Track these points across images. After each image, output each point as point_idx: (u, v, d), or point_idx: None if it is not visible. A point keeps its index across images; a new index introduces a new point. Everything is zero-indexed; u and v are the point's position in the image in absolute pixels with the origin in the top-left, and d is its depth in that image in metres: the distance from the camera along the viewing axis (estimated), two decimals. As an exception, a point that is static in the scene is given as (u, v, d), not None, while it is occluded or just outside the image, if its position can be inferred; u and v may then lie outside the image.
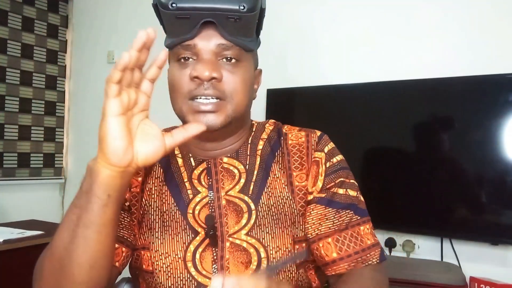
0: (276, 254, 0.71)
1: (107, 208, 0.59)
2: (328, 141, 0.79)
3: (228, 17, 0.67)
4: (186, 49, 0.70)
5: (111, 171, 0.57)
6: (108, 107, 0.54)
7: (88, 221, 0.59)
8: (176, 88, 0.72)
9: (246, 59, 0.73)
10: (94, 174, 0.58)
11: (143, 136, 0.58)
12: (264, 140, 0.80)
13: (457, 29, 1.62)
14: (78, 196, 0.61)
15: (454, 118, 1.51)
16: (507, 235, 1.40)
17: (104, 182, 0.58)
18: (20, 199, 2.53)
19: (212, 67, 0.68)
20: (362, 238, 0.72)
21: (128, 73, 0.55)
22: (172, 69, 0.73)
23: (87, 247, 0.59)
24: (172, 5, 0.66)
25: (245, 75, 0.73)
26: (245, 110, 0.75)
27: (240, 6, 0.66)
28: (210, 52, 0.70)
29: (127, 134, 0.56)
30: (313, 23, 1.90)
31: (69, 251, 0.60)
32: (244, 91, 0.73)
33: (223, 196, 0.74)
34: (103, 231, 0.60)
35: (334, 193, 0.74)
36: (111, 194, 0.58)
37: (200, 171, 0.77)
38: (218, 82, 0.69)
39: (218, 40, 0.69)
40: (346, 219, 0.73)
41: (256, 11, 0.69)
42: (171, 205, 0.75)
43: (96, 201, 0.58)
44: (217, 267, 0.70)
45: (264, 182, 0.76)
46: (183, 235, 0.72)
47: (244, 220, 0.73)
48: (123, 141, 0.55)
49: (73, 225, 0.60)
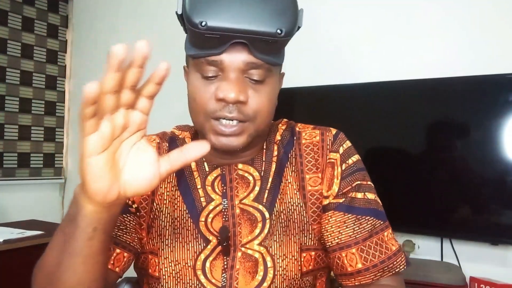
0: (283, 263, 0.69)
1: (93, 240, 0.54)
2: (343, 140, 0.75)
3: (263, 39, 0.62)
4: (211, 64, 0.65)
5: (95, 207, 0.52)
6: (84, 147, 0.46)
7: (73, 251, 0.55)
8: (198, 104, 0.67)
9: (274, 74, 0.70)
10: (79, 206, 0.53)
11: (133, 164, 0.51)
12: (277, 144, 0.77)
13: (457, 29, 1.62)
14: (65, 220, 0.57)
15: (454, 118, 1.51)
16: (507, 235, 1.40)
17: (89, 217, 0.52)
18: (20, 199, 2.52)
19: (238, 88, 0.64)
20: (387, 245, 0.69)
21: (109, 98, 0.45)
22: (194, 80, 0.68)
23: (74, 274, 0.57)
24: (202, 24, 0.60)
25: (271, 93, 0.69)
26: (267, 126, 0.73)
27: (277, 30, 0.61)
28: (237, 70, 0.65)
29: (110, 172, 0.49)
30: (313, 23, 1.90)
31: (56, 274, 0.58)
32: (269, 110, 0.70)
33: (237, 204, 0.71)
34: (90, 261, 0.57)
35: (353, 198, 0.71)
36: (97, 227, 0.54)
37: (214, 177, 0.74)
38: (243, 105, 0.66)
39: (247, 58, 0.64)
40: (368, 226, 0.70)
41: (292, 35, 0.64)
42: (182, 212, 0.72)
43: (81, 233, 0.54)
44: (226, 276, 0.68)
45: (277, 188, 0.73)
46: (194, 244, 0.70)
47: (257, 229, 0.70)
48: (105, 181, 0.48)
49: (61, 249, 0.57)
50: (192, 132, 0.81)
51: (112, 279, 0.70)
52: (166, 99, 1.98)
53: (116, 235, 0.71)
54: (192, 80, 0.69)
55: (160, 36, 2.30)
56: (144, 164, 0.51)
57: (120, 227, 0.72)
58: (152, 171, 0.51)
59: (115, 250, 0.70)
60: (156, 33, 2.36)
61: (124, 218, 0.73)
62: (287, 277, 0.69)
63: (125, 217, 0.73)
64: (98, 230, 0.54)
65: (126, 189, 0.51)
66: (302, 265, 0.70)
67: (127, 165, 0.51)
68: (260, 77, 0.66)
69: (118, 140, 0.49)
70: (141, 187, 0.51)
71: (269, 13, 0.61)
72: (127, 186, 0.51)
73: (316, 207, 0.72)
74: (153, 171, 0.51)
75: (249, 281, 0.68)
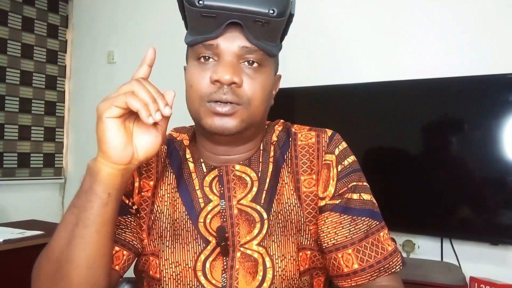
0: (282, 263, 0.69)
1: (107, 206, 0.59)
2: (339, 142, 0.76)
3: (256, 20, 0.64)
4: (208, 48, 0.68)
5: (112, 169, 0.59)
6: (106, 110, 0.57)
7: (87, 220, 0.59)
8: (194, 89, 0.69)
9: (268, 64, 0.71)
10: (95, 173, 0.59)
11: (139, 130, 0.60)
12: (274, 145, 0.77)
13: (457, 29, 1.62)
14: (77, 195, 0.61)
15: (454, 118, 1.51)
16: (507, 235, 1.40)
17: (105, 181, 0.59)
18: (20, 199, 2.53)
19: (233, 71, 0.66)
20: (383, 245, 0.70)
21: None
22: (191, 68, 0.71)
23: (86, 246, 0.60)
24: (199, 2, 0.63)
25: (265, 81, 0.70)
26: (261, 117, 0.73)
27: (270, 10, 0.64)
28: (233, 54, 0.67)
29: (124, 132, 0.58)
30: (312, 23, 1.90)
31: (66, 252, 0.60)
32: (262, 98, 0.70)
33: (235, 205, 0.72)
34: (102, 230, 0.60)
35: (348, 199, 0.72)
36: (112, 192, 0.59)
37: (212, 178, 0.74)
38: (238, 87, 0.67)
39: (242, 43, 0.67)
40: (364, 226, 0.70)
41: (285, 17, 0.66)
42: (182, 214, 0.73)
43: (96, 200, 0.59)
44: (226, 276, 0.69)
45: (274, 189, 0.73)
46: (194, 245, 0.71)
47: (256, 230, 0.71)
48: (122, 138, 0.58)
49: (72, 225, 0.60)
50: (190, 134, 0.82)
51: (112, 278, 0.70)
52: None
53: (116, 233, 0.71)
54: (190, 68, 0.71)
55: (159, 36, 2.30)
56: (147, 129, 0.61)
57: (120, 226, 0.72)
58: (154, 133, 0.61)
59: (114, 248, 0.70)
60: (155, 33, 2.37)
61: (125, 218, 0.73)
62: (286, 277, 0.69)
63: (125, 217, 0.73)
64: (112, 196, 0.60)
65: (138, 152, 0.60)
66: (299, 265, 0.71)
67: (134, 133, 0.60)
68: (254, 64, 0.68)
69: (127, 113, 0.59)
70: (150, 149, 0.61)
71: None
72: (138, 149, 0.60)
73: (312, 208, 0.73)
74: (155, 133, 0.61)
75: (250, 282, 0.68)
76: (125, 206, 0.73)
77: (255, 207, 0.72)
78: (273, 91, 0.77)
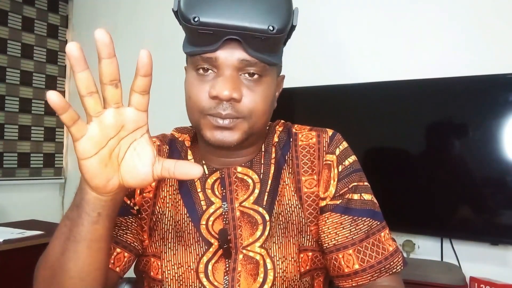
0: (282, 265, 0.69)
1: (97, 224, 0.56)
2: (340, 141, 0.75)
3: (255, 36, 0.62)
4: (206, 61, 0.65)
5: (98, 195, 0.54)
6: (76, 151, 0.49)
7: (78, 236, 0.56)
8: (193, 102, 0.67)
9: (269, 73, 0.68)
10: (83, 193, 0.55)
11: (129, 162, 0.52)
12: (275, 146, 0.77)
13: (457, 29, 1.62)
14: (70, 208, 0.59)
15: (454, 118, 1.51)
16: (507, 235, 1.40)
17: (93, 202, 0.55)
18: (20, 199, 2.52)
19: (232, 86, 0.64)
20: (384, 246, 0.69)
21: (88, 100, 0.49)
22: (190, 77, 0.69)
23: (78, 261, 0.58)
24: (195, 19, 0.61)
25: (266, 91, 0.68)
26: (263, 126, 0.72)
27: (269, 26, 0.61)
28: (232, 67, 0.65)
29: (106, 169, 0.51)
30: (312, 23, 1.90)
31: (60, 263, 0.59)
32: (264, 108, 0.68)
33: (237, 207, 0.71)
34: (94, 246, 0.58)
35: (349, 199, 0.71)
36: (102, 212, 0.56)
37: (214, 180, 0.74)
38: (237, 102, 0.65)
39: (242, 56, 0.64)
40: (364, 227, 0.70)
41: (285, 32, 0.64)
42: (184, 216, 0.73)
43: (86, 217, 0.55)
44: (228, 278, 0.69)
45: (276, 190, 0.73)
46: (196, 247, 0.70)
47: (259, 232, 0.70)
48: (102, 178, 0.51)
49: (65, 238, 0.58)
50: (191, 135, 0.81)
51: (113, 279, 0.70)
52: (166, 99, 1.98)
53: (117, 235, 0.71)
54: (189, 77, 0.70)
55: (159, 36, 2.30)
56: (139, 167, 0.52)
57: (121, 227, 0.72)
58: (144, 174, 0.53)
59: (115, 250, 0.70)
60: (156, 33, 2.36)
61: (126, 219, 0.73)
62: (287, 278, 0.69)
63: (126, 218, 0.73)
64: (102, 215, 0.56)
65: (124, 182, 0.53)
66: (300, 266, 0.71)
67: (124, 161, 0.52)
68: (255, 75, 0.66)
69: (116, 139, 0.51)
70: (136, 184, 0.54)
71: (261, 9, 0.61)
72: (124, 179, 0.53)
73: (313, 209, 0.73)
74: (146, 171, 0.53)
75: (251, 283, 0.68)
76: (126, 206, 0.73)
77: (257, 209, 0.71)
78: (276, 94, 0.75)
